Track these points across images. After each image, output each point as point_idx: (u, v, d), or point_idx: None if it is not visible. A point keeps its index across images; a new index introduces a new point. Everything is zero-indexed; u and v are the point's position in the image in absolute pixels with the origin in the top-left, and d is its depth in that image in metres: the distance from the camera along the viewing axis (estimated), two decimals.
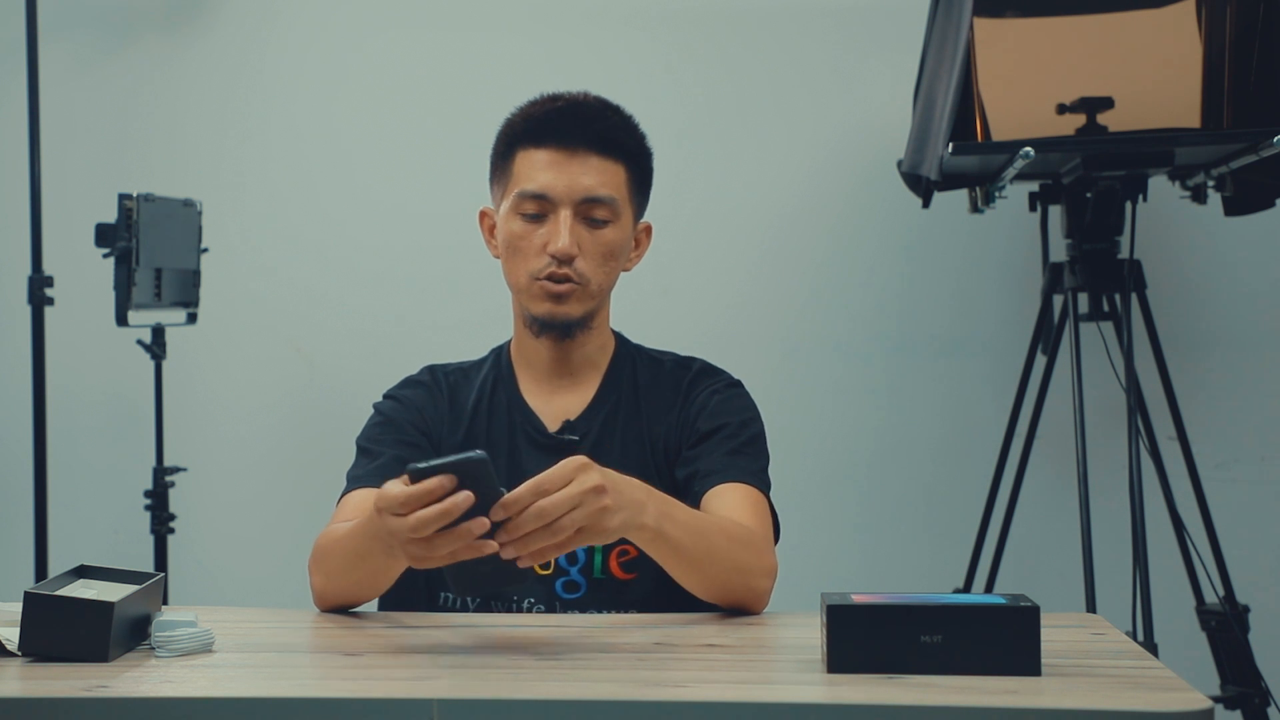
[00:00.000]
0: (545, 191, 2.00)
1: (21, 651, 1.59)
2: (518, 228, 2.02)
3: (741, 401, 2.09)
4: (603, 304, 2.08)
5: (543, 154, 2.01)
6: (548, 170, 2.00)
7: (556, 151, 2.01)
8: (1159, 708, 1.37)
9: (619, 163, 2.03)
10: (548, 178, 2.00)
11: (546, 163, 2.01)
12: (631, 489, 1.70)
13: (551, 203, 2.00)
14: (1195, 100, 2.89)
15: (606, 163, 2.02)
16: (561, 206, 2.00)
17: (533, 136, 2.02)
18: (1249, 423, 3.53)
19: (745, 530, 1.88)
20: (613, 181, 2.02)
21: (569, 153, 2.01)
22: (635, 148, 2.07)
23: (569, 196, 2.00)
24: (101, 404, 3.76)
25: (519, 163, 2.03)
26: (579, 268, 2.00)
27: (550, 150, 2.01)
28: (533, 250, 2.01)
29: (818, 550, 3.52)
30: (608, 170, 2.02)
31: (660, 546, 1.76)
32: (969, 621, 1.48)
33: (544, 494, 1.60)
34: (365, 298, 3.69)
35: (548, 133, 2.01)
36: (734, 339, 3.56)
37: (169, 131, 3.73)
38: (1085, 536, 2.94)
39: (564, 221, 1.99)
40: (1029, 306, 3.39)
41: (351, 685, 1.50)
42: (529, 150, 2.02)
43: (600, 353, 2.11)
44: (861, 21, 3.58)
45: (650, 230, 2.14)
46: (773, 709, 1.41)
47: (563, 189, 2.00)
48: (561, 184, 2.00)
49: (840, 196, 3.60)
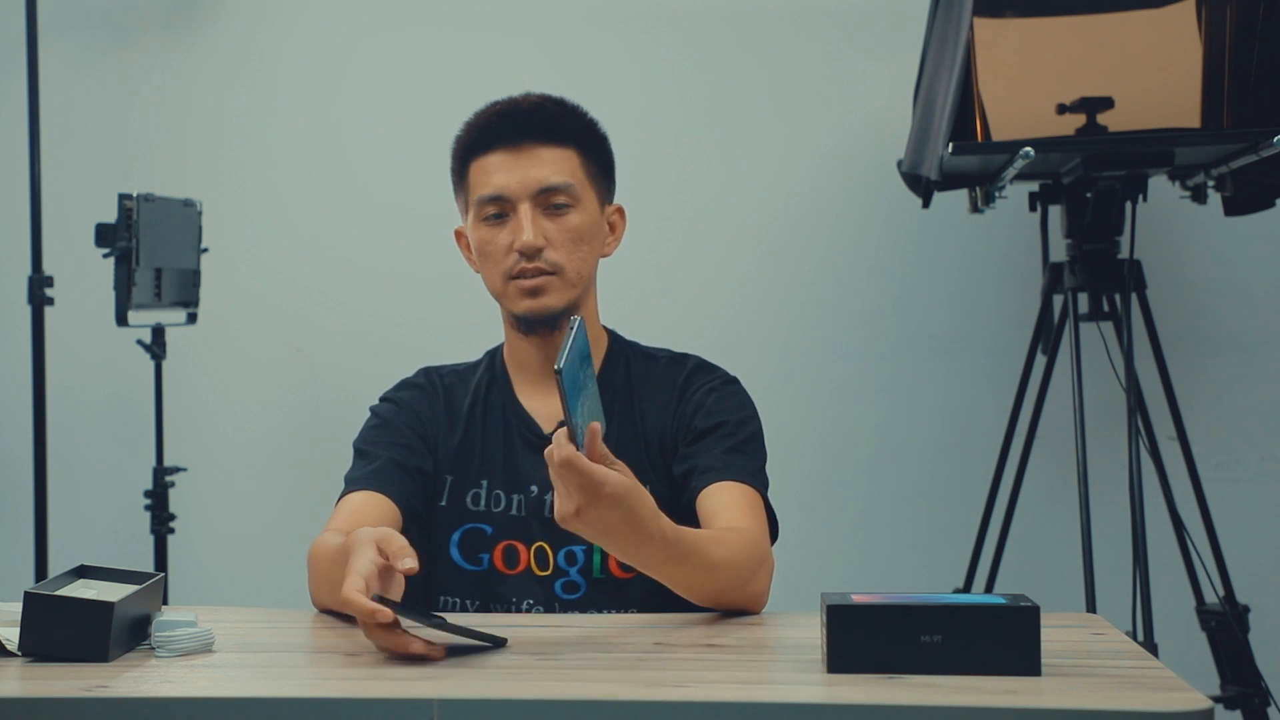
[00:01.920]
0: (500, 192, 2.03)
1: (21, 651, 1.59)
2: (484, 233, 2.05)
3: (739, 399, 2.09)
4: (586, 294, 2.08)
5: (492, 158, 2.04)
6: (499, 171, 2.03)
7: (505, 152, 2.04)
8: (1159, 708, 1.37)
9: (568, 148, 2.06)
10: (501, 178, 2.03)
11: (497, 165, 2.04)
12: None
13: (510, 201, 2.03)
14: (1195, 100, 2.89)
15: (555, 150, 2.04)
16: (520, 202, 2.02)
17: (480, 144, 2.06)
18: (1249, 423, 3.53)
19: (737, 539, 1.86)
20: (565, 167, 2.04)
21: (516, 150, 2.04)
22: (582, 131, 2.08)
23: (524, 191, 2.02)
24: (101, 404, 3.76)
25: (473, 173, 2.06)
26: (549, 257, 2.02)
27: (499, 152, 2.04)
28: (502, 251, 2.03)
29: (818, 550, 3.52)
30: (558, 157, 2.04)
31: (657, 549, 1.73)
32: (969, 621, 1.48)
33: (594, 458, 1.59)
34: (365, 298, 3.69)
35: (493, 136, 2.05)
36: (734, 339, 3.56)
37: (169, 131, 3.74)
38: (1085, 536, 2.94)
39: (525, 215, 2.02)
40: (1029, 306, 3.39)
41: (351, 685, 1.50)
42: (480, 158, 2.06)
43: (594, 350, 2.11)
44: (861, 22, 3.58)
45: (623, 213, 2.15)
46: (773, 709, 1.41)
47: (517, 185, 2.02)
48: (515, 180, 2.02)
49: (840, 196, 3.60)
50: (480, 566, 2.05)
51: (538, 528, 2.04)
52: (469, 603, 2.05)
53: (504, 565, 2.05)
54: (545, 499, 2.04)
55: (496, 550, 2.05)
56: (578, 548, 2.03)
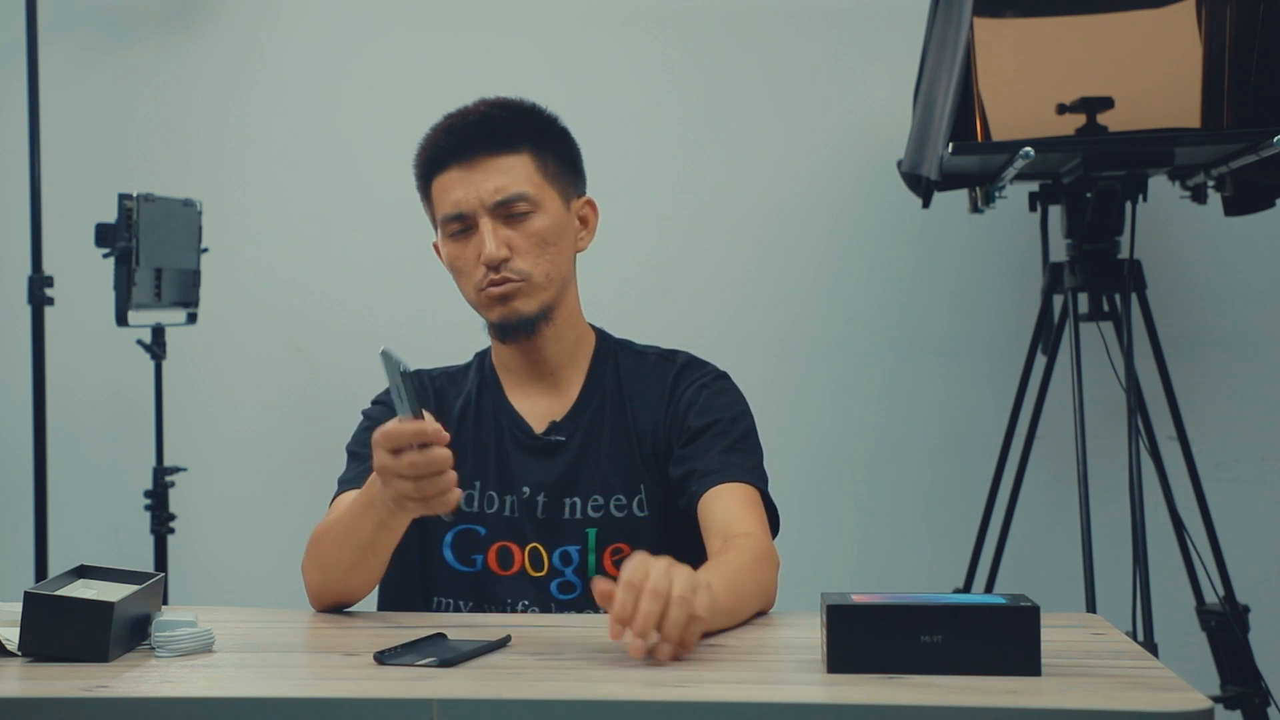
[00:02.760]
0: (458, 209, 2.03)
1: (21, 651, 1.59)
2: (452, 249, 2.06)
3: (730, 395, 2.09)
4: (563, 296, 2.08)
5: (449, 175, 2.05)
6: (456, 188, 2.04)
7: (459, 168, 2.04)
8: (1159, 708, 1.37)
9: (521, 153, 2.05)
10: (458, 194, 2.03)
11: (454, 181, 2.04)
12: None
13: (470, 217, 2.03)
14: (1195, 100, 2.89)
15: (508, 158, 2.04)
16: (479, 217, 2.03)
17: (437, 163, 2.07)
18: (1249, 423, 3.53)
19: (750, 545, 1.88)
20: (521, 174, 2.04)
21: (469, 164, 2.04)
22: (534, 133, 2.07)
23: (481, 205, 2.02)
24: (101, 404, 3.76)
25: (435, 191, 2.07)
26: (515, 266, 2.02)
27: (454, 169, 2.05)
28: (470, 265, 2.04)
29: (818, 550, 3.51)
30: (512, 165, 2.04)
31: (722, 618, 1.73)
32: (969, 621, 1.48)
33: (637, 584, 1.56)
34: (365, 298, 3.69)
35: (445, 154, 2.06)
36: (734, 339, 3.55)
37: (169, 131, 3.73)
38: (1085, 536, 2.94)
39: (485, 229, 2.02)
40: (1029, 306, 3.39)
41: (351, 685, 1.50)
42: (438, 176, 2.06)
43: (579, 350, 2.11)
44: (861, 22, 3.58)
45: (594, 205, 2.14)
46: (773, 709, 1.41)
47: (474, 200, 2.02)
48: (471, 196, 2.02)
49: (840, 196, 3.60)
50: (474, 568, 2.05)
51: (531, 528, 2.04)
52: (463, 603, 2.04)
53: (498, 566, 2.04)
54: (538, 500, 2.04)
55: (490, 551, 2.05)
56: (572, 548, 2.03)
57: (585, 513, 2.03)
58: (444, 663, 1.55)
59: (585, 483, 2.04)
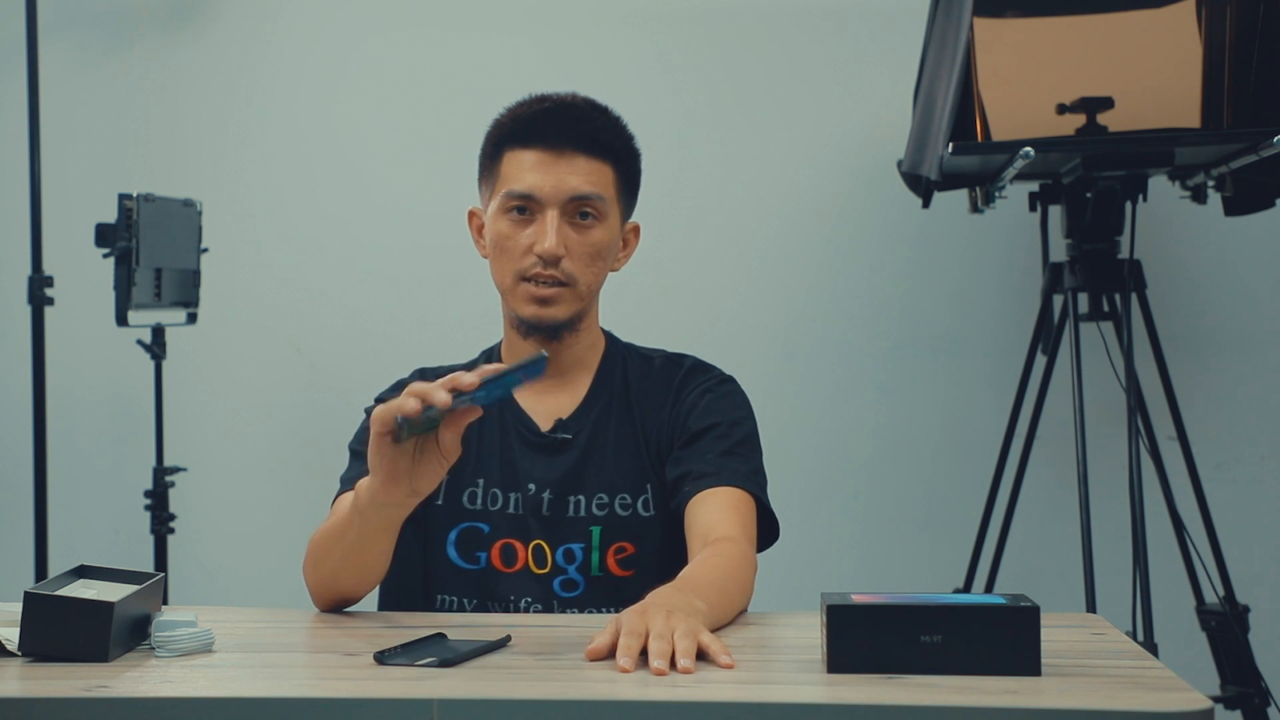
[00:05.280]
0: (532, 192, 2.01)
1: (21, 651, 1.59)
2: (505, 228, 2.03)
3: (733, 400, 2.08)
4: (591, 305, 2.08)
5: (530, 155, 2.02)
6: (535, 171, 2.01)
7: (544, 152, 2.01)
8: (1159, 708, 1.37)
9: (606, 163, 2.04)
10: (535, 178, 2.01)
11: (534, 163, 2.01)
12: (669, 595, 1.67)
13: (539, 203, 2.01)
14: (1195, 100, 2.89)
15: (594, 163, 2.03)
16: (548, 207, 2.00)
17: (520, 137, 2.03)
18: (1249, 423, 3.53)
19: (728, 549, 1.86)
20: (600, 181, 2.03)
21: (556, 153, 2.01)
22: (623, 148, 2.07)
23: (556, 197, 2.00)
24: (101, 404, 3.76)
25: (506, 163, 2.03)
26: (566, 268, 2.01)
27: (537, 151, 2.02)
28: (519, 250, 2.01)
29: (818, 550, 3.52)
30: (595, 170, 2.02)
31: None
32: (969, 621, 1.48)
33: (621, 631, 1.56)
34: (365, 298, 3.69)
35: (535, 133, 2.02)
36: (734, 339, 3.56)
37: (169, 131, 3.74)
38: (1085, 536, 2.94)
39: (550, 222, 2.00)
40: (1029, 306, 3.39)
41: (351, 685, 1.50)
42: (516, 151, 2.03)
43: (590, 352, 2.11)
44: (861, 22, 3.58)
45: (638, 230, 2.14)
46: (773, 709, 1.41)
47: (550, 189, 2.00)
48: (549, 184, 2.00)
49: (840, 196, 3.60)
50: (477, 565, 2.04)
51: (535, 525, 2.04)
52: (466, 601, 2.04)
53: (501, 563, 2.04)
54: (543, 497, 2.04)
55: (494, 548, 2.04)
56: (576, 545, 2.03)
57: (590, 510, 2.03)
58: (444, 663, 1.55)
59: (590, 481, 2.04)
